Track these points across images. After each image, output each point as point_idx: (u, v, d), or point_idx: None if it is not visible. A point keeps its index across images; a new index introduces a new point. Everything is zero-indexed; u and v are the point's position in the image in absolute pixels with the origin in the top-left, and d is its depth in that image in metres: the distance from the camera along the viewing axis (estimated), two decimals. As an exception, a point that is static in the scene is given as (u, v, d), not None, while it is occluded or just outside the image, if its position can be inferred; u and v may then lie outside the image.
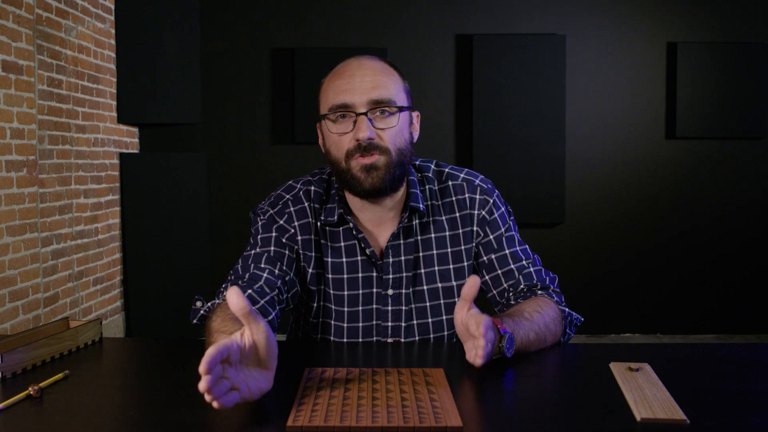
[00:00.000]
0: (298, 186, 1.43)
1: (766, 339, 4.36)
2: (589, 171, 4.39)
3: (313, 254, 1.38)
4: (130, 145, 4.29)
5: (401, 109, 1.32)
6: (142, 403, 1.03)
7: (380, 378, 1.07)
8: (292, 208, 1.39)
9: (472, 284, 1.10)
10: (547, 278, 1.42)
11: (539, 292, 1.39)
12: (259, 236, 1.39)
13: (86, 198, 3.74)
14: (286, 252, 1.36)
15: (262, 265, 1.32)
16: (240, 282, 1.29)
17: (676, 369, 1.16)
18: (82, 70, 3.70)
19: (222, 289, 1.31)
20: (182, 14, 4.13)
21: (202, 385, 0.83)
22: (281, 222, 1.38)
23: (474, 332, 1.07)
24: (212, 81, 4.33)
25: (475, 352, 1.07)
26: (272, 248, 1.36)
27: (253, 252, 1.36)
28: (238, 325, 1.08)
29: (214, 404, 0.86)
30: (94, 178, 3.84)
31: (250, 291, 1.26)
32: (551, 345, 1.30)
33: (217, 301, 1.27)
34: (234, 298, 0.88)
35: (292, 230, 1.38)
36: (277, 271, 1.32)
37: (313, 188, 1.42)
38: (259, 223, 1.40)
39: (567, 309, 1.38)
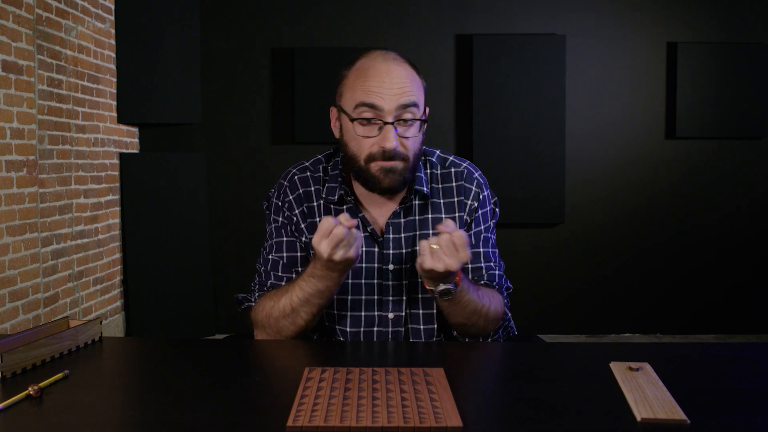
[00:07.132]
0: (294, 171, 1.54)
1: (766, 339, 4.36)
2: (589, 171, 4.38)
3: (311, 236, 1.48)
4: (130, 145, 4.28)
5: (423, 121, 1.40)
6: (142, 403, 1.03)
7: (380, 378, 1.07)
8: (290, 197, 1.50)
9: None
10: (505, 285, 1.53)
11: None
12: (273, 240, 1.51)
13: (86, 198, 3.74)
14: (298, 253, 1.49)
15: (280, 274, 1.48)
16: (265, 289, 1.47)
17: (676, 369, 1.16)
18: (82, 70, 3.69)
19: (254, 290, 1.50)
20: (182, 14, 4.13)
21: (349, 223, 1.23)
22: (287, 213, 1.49)
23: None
24: (212, 81, 4.33)
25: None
26: (285, 254, 1.48)
27: (271, 258, 1.50)
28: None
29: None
30: (94, 178, 3.83)
31: None
32: (486, 321, 1.40)
33: (258, 294, 1.48)
34: (343, 221, 1.25)
35: (295, 219, 1.49)
36: (294, 276, 1.45)
37: (309, 174, 1.52)
38: (272, 225, 1.51)
39: (509, 314, 1.51)
